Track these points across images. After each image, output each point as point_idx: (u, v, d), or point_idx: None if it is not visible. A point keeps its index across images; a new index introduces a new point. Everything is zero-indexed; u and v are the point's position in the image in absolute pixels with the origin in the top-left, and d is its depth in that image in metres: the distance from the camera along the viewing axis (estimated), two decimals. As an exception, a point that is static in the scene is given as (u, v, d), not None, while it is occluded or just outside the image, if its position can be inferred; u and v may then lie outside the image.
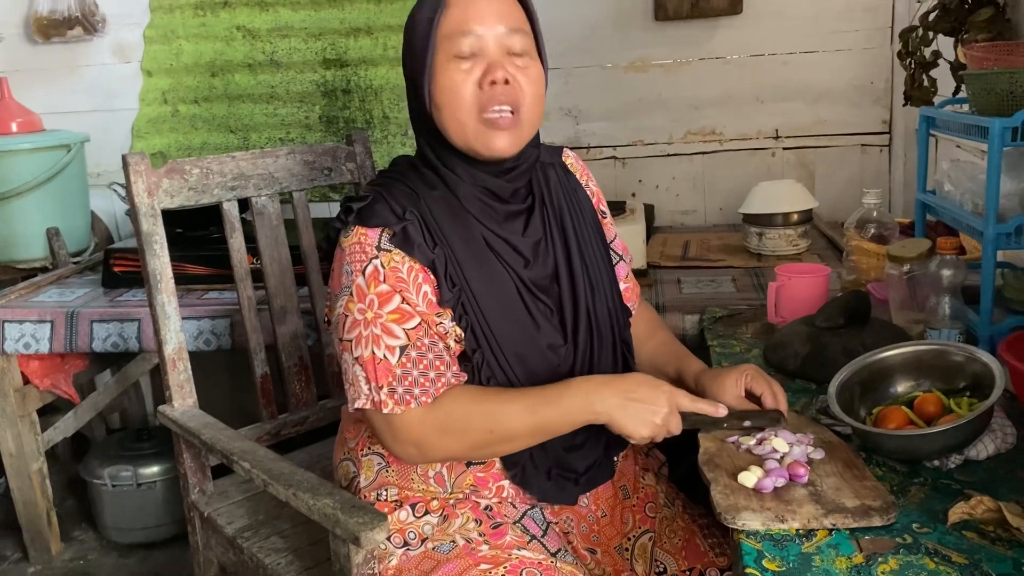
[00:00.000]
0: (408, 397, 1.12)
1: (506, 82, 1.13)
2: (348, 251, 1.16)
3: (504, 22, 1.14)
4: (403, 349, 1.12)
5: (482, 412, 1.13)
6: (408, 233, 1.14)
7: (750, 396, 1.23)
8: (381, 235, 1.15)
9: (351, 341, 1.14)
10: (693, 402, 1.15)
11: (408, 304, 1.13)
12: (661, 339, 1.42)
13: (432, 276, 1.15)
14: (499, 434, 1.13)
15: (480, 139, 1.15)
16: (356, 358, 1.13)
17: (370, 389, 1.12)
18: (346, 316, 1.15)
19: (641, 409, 1.12)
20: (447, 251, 1.16)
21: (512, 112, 1.15)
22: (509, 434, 1.14)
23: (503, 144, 1.15)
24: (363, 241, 1.15)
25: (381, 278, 1.13)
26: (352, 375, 1.14)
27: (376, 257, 1.14)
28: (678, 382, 1.31)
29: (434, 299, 1.15)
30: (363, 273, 1.14)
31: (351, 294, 1.14)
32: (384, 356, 1.12)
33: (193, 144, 2.79)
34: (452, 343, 1.17)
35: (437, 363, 1.14)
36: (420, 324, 1.14)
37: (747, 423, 1.17)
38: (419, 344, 1.13)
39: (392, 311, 1.13)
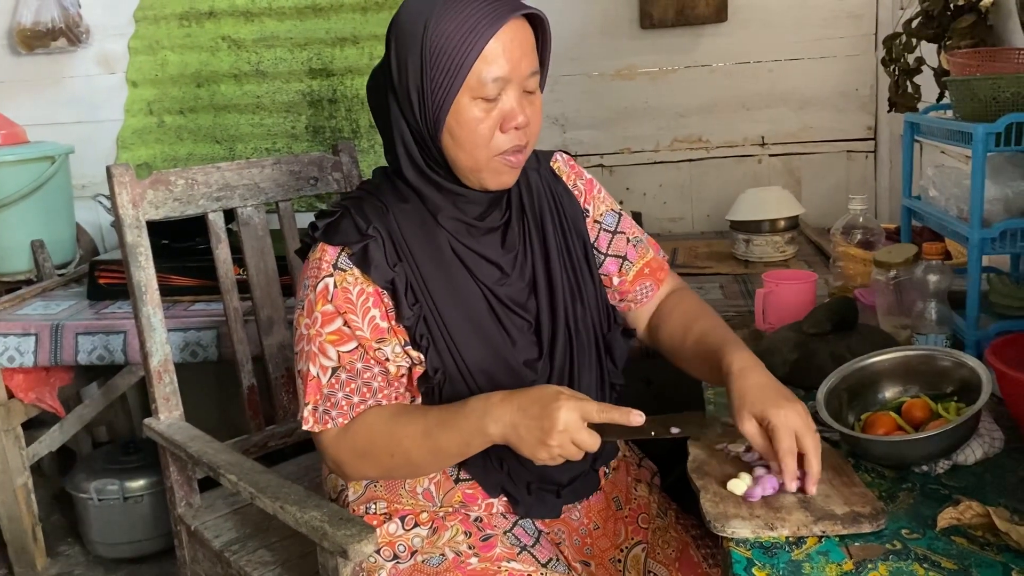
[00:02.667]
0: (326, 418, 1.13)
1: (526, 124, 1.12)
2: (309, 265, 1.17)
3: (529, 63, 1.10)
4: (334, 371, 1.13)
5: (385, 434, 1.11)
6: (368, 251, 1.12)
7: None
8: (340, 253, 1.14)
9: (297, 354, 1.17)
10: (601, 412, 1.01)
11: (349, 327, 1.13)
12: (701, 330, 1.23)
13: (386, 299, 1.14)
14: (400, 458, 1.10)
15: (491, 175, 1.13)
16: (298, 371, 1.16)
17: (302, 404, 1.15)
18: (296, 329, 1.17)
19: (532, 429, 1.01)
20: (411, 267, 1.14)
21: (523, 149, 1.14)
22: (409, 459, 1.10)
23: (510, 180, 1.15)
24: (322, 258, 1.14)
25: (329, 297, 1.13)
26: (297, 386, 1.17)
27: (331, 275, 1.13)
28: (718, 380, 1.15)
29: (382, 324, 1.14)
30: (315, 289, 1.14)
31: (303, 308, 1.16)
32: (317, 374, 1.13)
33: (178, 155, 2.78)
34: (392, 368, 1.15)
35: (364, 389, 1.14)
36: (356, 348, 1.13)
37: (675, 430, 1.06)
38: (349, 367, 1.13)
39: (332, 332, 1.13)
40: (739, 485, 1.03)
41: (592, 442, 1.01)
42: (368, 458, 1.13)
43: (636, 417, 1.02)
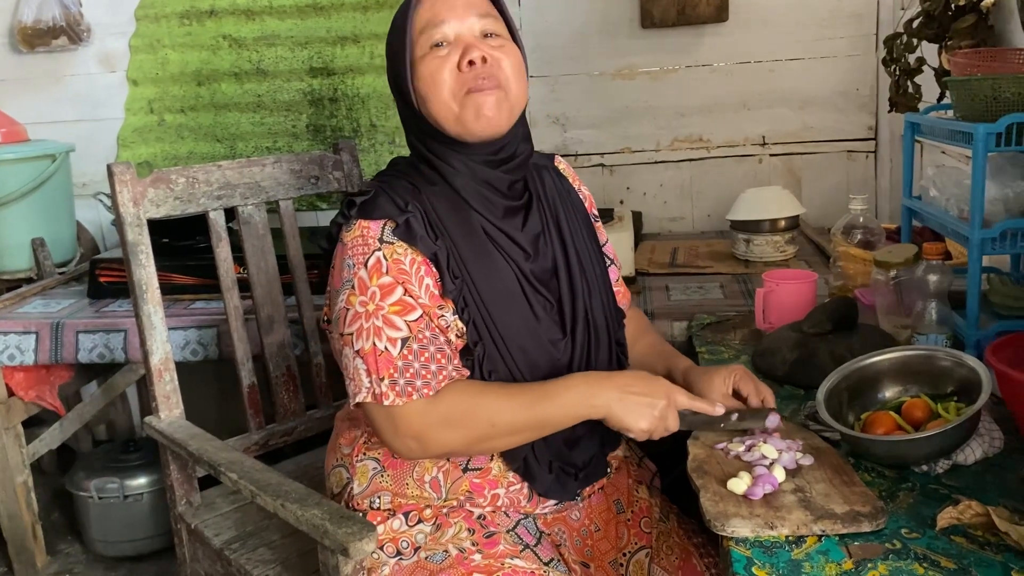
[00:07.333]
0: (409, 389, 1.11)
1: (484, 60, 1.16)
2: (350, 245, 1.16)
3: (475, 10, 1.18)
4: (404, 341, 1.12)
5: (484, 406, 1.13)
6: (411, 225, 1.15)
7: (737, 396, 1.24)
8: (384, 227, 1.15)
9: (352, 334, 1.13)
10: (691, 400, 1.16)
11: (410, 296, 1.13)
12: (650, 340, 1.43)
13: (434, 269, 1.15)
14: (501, 428, 1.13)
15: (468, 115, 1.16)
16: (357, 351, 1.13)
17: (371, 382, 1.12)
18: (347, 309, 1.14)
19: (639, 402, 1.13)
20: (449, 244, 1.17)
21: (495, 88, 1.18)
22: (510, 428, 1.13)
23: (491, 111, 1.16)
24: (366, 234, 1.15)
25: (384, 270, 1.13)
26: (353, 369, 1.13)
27: (379, 249, 1.14)
28: (667, 379, 1.31)
29: (436, 292, 1.15)
30: (365, 265, 1.14)
31: (353, 287, 1.14)
32: (385, 348, 1.11)
33: (179, 153, 2.78)
34: (453, 337, 1.17)
35: (438, 356, 1.14)
36: (422, 316, 1.14)
37: (735, 416, 1.18)
38: (420, 336, 1.13)
39: (394, 303, 1.13)
40: (739, 484, 1.03)
41: (676, 423, 1.16)
42: (460, 427, 1.13)
43: (719, 409, 1.17)
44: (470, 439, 1.14)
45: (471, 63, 1.15)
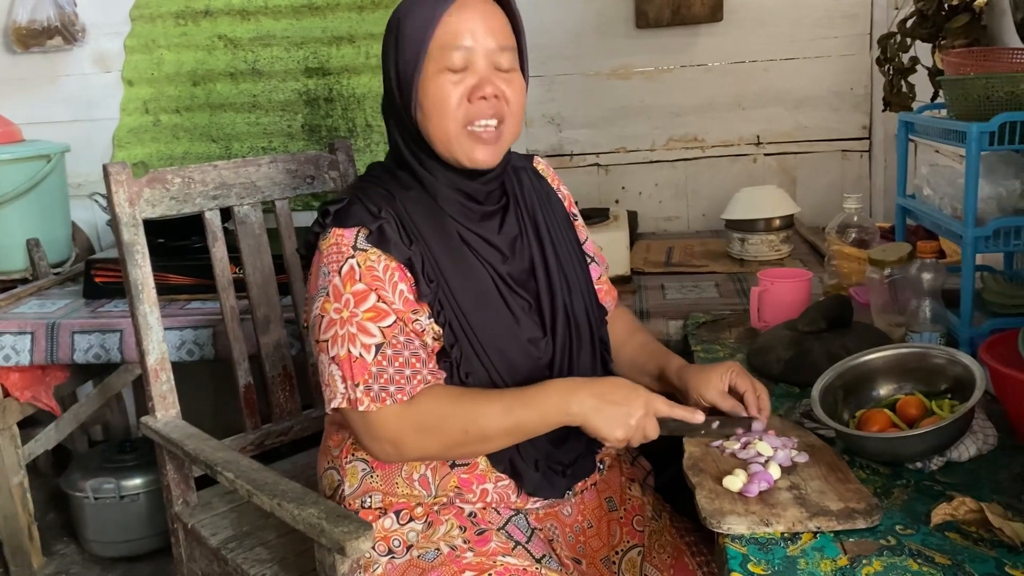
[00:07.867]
0: (384, 395, 1.13)
1: (495, 96, 1.17)
2: (325, 253, 1.17)
3: (495, 38, 1.17)
4: (379, 347, 1.13)
5: (459, 412, 1.14)
6: (384, 231, 1.15)
7: (733, 393, 1.24)
8: (357, 235, 1.16)
9: (327, 341, 1.15)
10: (671, 408, 1.15)
11: (384, 302, 1.14)
12: (641, 340, 1.43)
13: (408, 274, 1.16)
14: (474, 434, 1.13)
15: (463, 150, 1.18)
16: (332, 357, 1.14)
17: (346, 387, 1.13)
18: (322, 316, 1.16)
19: (616, 411, 1.12)
20: (423, 248, 1.18)
21: (496, 125, 1.18)
22: (485, 434, 1.14)
23: (484, 157, 1.19)
24: (340, 242, 1.16)
25: (357, 277, 1.14)
26: (328, 375, 1.15)
27: (352, 256, 1.15)
28: (660, 379, 1.33)
29: (410, 297, 1.16)
30: (339, 273, 1.15)
31: (328, 294, 1.15)
32: (360, 354, 1.13)
33: (175, 154, 2.78)
34: (429, 340, 1.17)
35: (413, 360, 1.15)
36: (396, 322, 1.15)
37: (715, 424, 1.19)
38: (395, 342, 1.14)
39: (368, 309, 1.14)
40: (735, 481, 1.04)
41: (656, 431, 1.15)
42: (435, 434, 1.13)
43: (698, 416, 1.16)
44: (444, 444, 1.15)
45: (483, 98, 1.16)
